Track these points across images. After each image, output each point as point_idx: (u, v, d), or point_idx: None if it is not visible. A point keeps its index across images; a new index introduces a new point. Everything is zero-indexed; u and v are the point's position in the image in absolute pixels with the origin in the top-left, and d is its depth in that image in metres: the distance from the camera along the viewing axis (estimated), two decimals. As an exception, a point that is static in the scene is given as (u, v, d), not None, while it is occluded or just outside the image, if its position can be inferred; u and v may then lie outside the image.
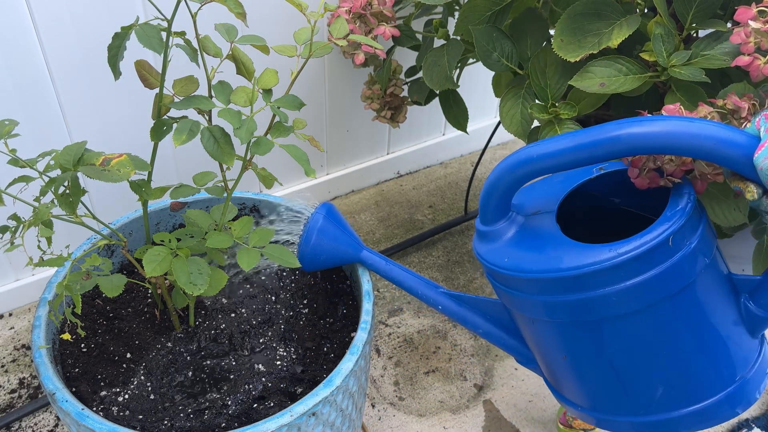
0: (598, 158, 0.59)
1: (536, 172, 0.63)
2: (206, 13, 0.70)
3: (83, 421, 0.65)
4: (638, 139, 0.57)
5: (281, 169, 1.27)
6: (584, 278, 0.60)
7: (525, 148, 0.63)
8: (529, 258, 0.66)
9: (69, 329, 0.78)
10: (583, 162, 0.60)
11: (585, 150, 0.59)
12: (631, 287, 0.60)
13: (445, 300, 0.80)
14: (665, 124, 0.56)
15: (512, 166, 0.64)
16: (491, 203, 0.68)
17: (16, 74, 0.93)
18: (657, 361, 0.63)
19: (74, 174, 0.63)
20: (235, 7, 0.65)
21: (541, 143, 0.62)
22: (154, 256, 0.67)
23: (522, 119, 0.86)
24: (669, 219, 0.60)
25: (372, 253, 0.82)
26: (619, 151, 0.58)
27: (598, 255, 0.60)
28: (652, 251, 0.59)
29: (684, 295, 0.61)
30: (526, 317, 0.69)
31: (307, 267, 0.82)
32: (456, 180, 1.48)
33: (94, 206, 1.11)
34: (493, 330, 0.78)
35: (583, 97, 0.82)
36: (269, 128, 0.69)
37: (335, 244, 0.81)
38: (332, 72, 1.23)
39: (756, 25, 0.65)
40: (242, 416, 0.72)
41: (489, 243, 0.71)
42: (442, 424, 1.01)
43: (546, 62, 0.83)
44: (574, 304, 0.62)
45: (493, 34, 0.87)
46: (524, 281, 0.65)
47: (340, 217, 0.84)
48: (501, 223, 0.70)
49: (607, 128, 0.58)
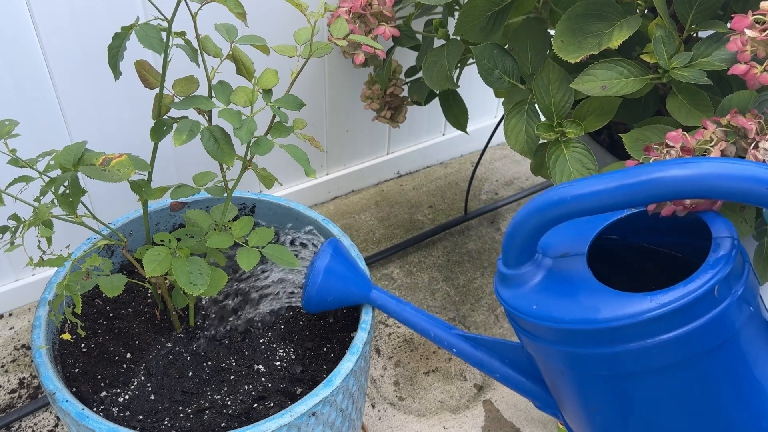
0: (638, 202, 0.55)
1: (569, 214, 0.58)
2: (206, 13, 0.70)
3: (83, 421, 0.65)
4: (682, 183, 0.52)
5: (281, 169, 1.27)
6: (622, 330, 0.56)
7: (558, 188, 0.58)
8: (560, 306, 0.61)
9: (69, 329, 0.78)
10: (620, 206, 0.56)
11: (624, 193, 0.55)
12: (672, 340, 0.55)
13: (459, 342, 0.76)
14: (711, 166, 0.51)
15: (543, 207, 0.59)
16: (516, 245, 0.64)
17: (16, 74, 0.93)
18: (694, 417, 0.59)
19: (74, 174, 0.63)
20: (235, 7, 0.65)
21: (576, 184, 0.57)
22: (154, 256, 0.67)
23: (527, 137, 0.84)
24: (713, 266, 0.55)
25: (382, 293, 0.78)
26: (661, 195, 0.53)
27: (638, 305, 0.55)
28: (696, 302, 0.54)
29: (727, 347, 0.56)
30: (553, 367, 0.65)
31: (313, 309, 0.78)
32: (456, 180, 1.48)
33: (94, 206, 1.11)
34: (511, 374, 0.74)
35: (588, 114, 0.81)
36: (269, 128, 0.69)
37: (344, 284, 0.77)
38: (332, 72, 1.23)
39: (752, 33, 0.64)
40: (242, 416, 0.72)
41: (513, 288, 0.66)
42: (442, 424, 1.01)
43: (549, 79, 0.82)
44: (608, 357, 0.58)
45: (494, 51, 0.87)
46: (555, 331, 0.61)
47: (347, 255, 0.80)
48: (526, 267, 0.65)
49: (647, 170, 0.54)
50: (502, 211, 1.41)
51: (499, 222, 1.38)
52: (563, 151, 0.80)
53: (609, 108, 0.80)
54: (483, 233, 1.35)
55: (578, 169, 0.79)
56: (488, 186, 1.47)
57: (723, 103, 0.72)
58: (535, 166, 0.89)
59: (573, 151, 0.80)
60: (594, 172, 0.78)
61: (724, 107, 0.72)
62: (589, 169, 0.78)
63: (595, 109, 0.81)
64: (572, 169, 0.79)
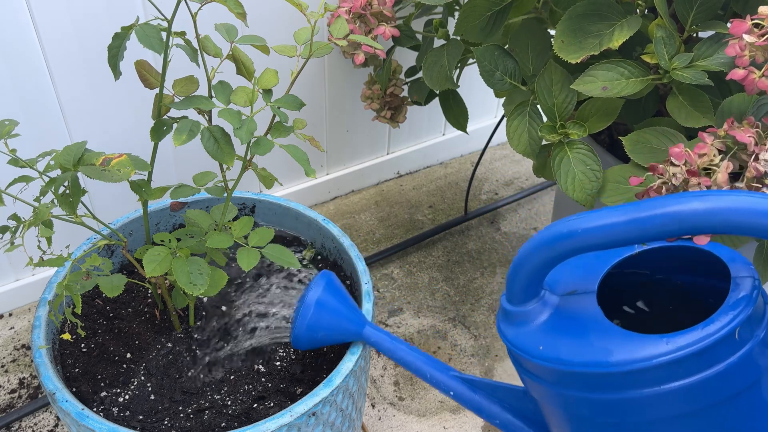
0: (652, 237, 0.50)
1: (579, 249, 0.54)
2: (206, 13, 0.70)
3: (83, 421, 0.64)
4: (700, 217, 0.48)
5: (281, 169, 1.27)
6: (635, 375, 0.52)
7: (566, 220, 0.54)
8: (569, 347, 0.57)
9: (69, 329, 0.78)
10: (633, 241, 0.51)
11: (637, 228, 0.50)
12: (689, 386, 0.51)
13: (457, 385, 0.72)
14: (732, 200, 0.47)
15: (550, 241, 0.55)
16: (521, 280, 0.59)
17: (16, 74, 0.93)
18: None
19: (74, 174, 0.63)
20: (235, 7, 0.65)
21: (586, 216, 0.53)
22: (154, 256, 0.67)
23: (530, 139, 0.84)
24: (734, 307, 0.51)
25: (376, 329, 0.74)
26: (677, 230, 0.49)
27: (653, 348, 0.52)
28: (716, 345, 0.50)
29: (748, 395, 0.52)
30: (559, 413, 0.60)
31: (302, 346, 0.73)
32: (456, 180, 1.48)
33: (94, 206, 1.11)
34: (512, 421, 0.69)
35: (591, 115, 0.81)
36: (269, 128, 0.69)
37: (336, 319, 0.72)
38: (332, 72, 1.23)
39: (750, 39, 0.63)
40: (242, 416, 0.72)
41: (518, 326, 0.61)
42: (442, 424, 1.01)
43: (552, 80, 0.81)
44: (619, 403, 0.54)
45: (495, 52, 0.87)
46: (563, 374, 0.57)
47: (341, 288, 0.75)
48: (531, 304, 0.60)
49: (663, 203, 0.49)
50: (502, 211, 1.41)
51: (499, 222, 1.38)
52: (567, 152, 0.80)
53: (612, 109, 0.80)
54: (483, 233, 1.35)
55: (582, 171, 0.79)
56: (488, 186, 1.47)
57: (723, 105, 0.72)
58: (538, 168, 0.89)
59: (577, 153, 0.79)
60: (598, 173, 0.78)
61: (723, 110, 0.72)
62: (594, 171, 0.78)
63: (597, 110, 0.81)
64: (576, 170, 0.79)
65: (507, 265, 1.28)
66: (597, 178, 0.78)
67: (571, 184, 0.79)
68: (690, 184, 0.63)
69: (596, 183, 0.78)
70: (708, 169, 0.64)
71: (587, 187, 0.78)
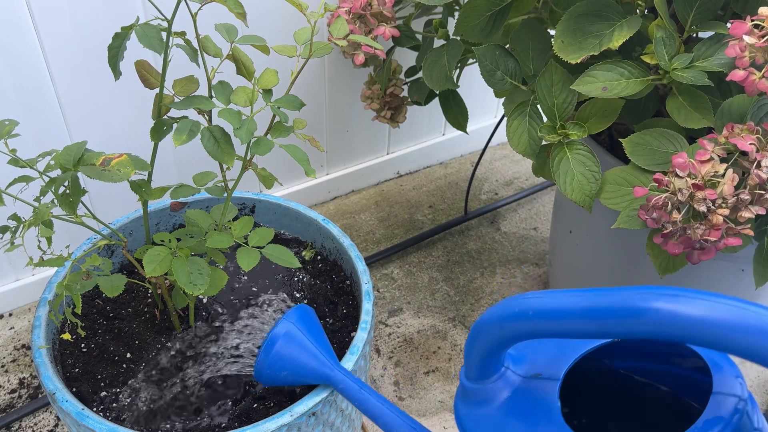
0: (610, 334, 0.42)
1: (530, 333, 0.47)
2: (206, 13, 0.70)
3: (83, 421, 0.65)
4: (671, 322, 0.38)
5: (281, 169, 1.27)
6: None
7: (520, 297, 0.47)
8: None
9: (69, 329, 0.78)
10: (589, 335, 0.43)
11: (594, 319, 0.42)
12: None
13: None
14: (731, 311, 0.37)
15: (501, 320, 0.48)
16: (476, 356, 0.53)
17: (16, 74, 0.93)
18: None
19: (74, 174, 0.63)
20: (235, 7, 0.65)
21: (543, 296, 0.46)
22: (154, 256, 0.67)
23: (530, 139, 0.84)
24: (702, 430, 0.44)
25: (347, 376, 0.67)
26: (640, 331, 0.40)
27: None
28: None
29: None
30: None
31: (264, 381, 0.69)
32: (456, 180, 1.48)
33: (94, 206, 1.11)
34: None
35: (591, 115, 0.81)
36: (269, 128, 0.69)
37: (301, 358, 0.67)
38: (332, 72, 1.23)
39: (750, 40, 0.63)
40: (242, 416, 0.72)
41: (473, 406, 0.55)
42: (442, 424, 1.01)
43: (552, 81, 0.81)
44: None
45: (496, 52, 0.87)
46: None
47: (315, 325, 0.70)
48: (490, 381, 0.54)
49: (628, 296, 0.40)
50: (502, 211, 1.41)
51: (499, 222, 1.38)
52: (566, 153, 0.80)
53: (612, 109, 0.80)
54: (483, 233, 1.35)
55: (581, 171, 0.79)
56: (488, 186, 1.48)
57: (723, 106, 0.72)
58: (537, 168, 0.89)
59: (576, 153, 0.79)
60: (597, 174, 0.78)
61: (723, 111, 0.72)
62: (593, 172, 0.78)
63: (598, 110, 0.81)
64: (575, 171, 0.79)
65: (507, 265, 1.28)
66: (596, 180, 0.78)
67: (570, 185, 0.79)
68: (695, 199, 0.62)
69: (595, 184, 0.78)
70: (712, 180, 0.64)
71: (586, 188, 0.78)
